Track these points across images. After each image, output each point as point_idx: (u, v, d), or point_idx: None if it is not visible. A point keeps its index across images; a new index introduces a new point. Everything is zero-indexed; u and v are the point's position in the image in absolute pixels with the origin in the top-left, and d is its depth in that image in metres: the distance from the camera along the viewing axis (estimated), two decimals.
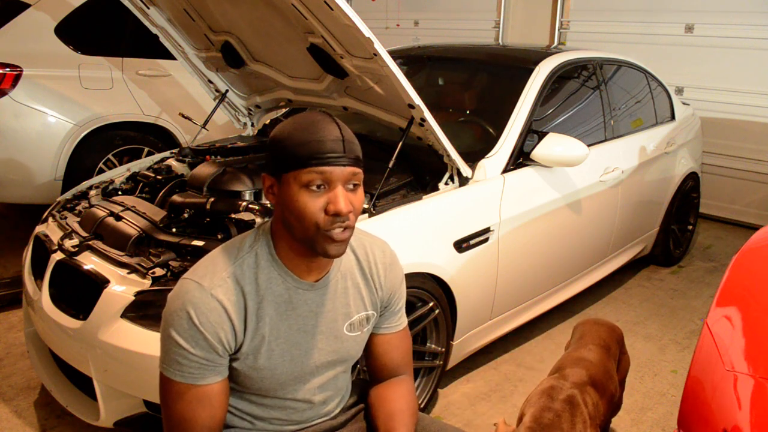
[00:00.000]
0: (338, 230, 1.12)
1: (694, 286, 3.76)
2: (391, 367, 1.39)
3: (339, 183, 1.12)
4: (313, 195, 1.11)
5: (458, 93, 3.27)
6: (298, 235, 1.14)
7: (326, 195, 1.12)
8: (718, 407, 1.34)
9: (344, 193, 1.12)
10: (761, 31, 4.56)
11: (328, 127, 1.12)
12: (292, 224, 1.14)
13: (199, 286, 1.14)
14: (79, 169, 3.78)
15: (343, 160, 1.11)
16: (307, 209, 1.11)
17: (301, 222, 1.12)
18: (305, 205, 1.11)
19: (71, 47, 3.81)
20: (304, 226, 1.12)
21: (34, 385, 2.48)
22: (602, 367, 1.91)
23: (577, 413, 1.72)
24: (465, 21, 6.51)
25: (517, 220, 2.50)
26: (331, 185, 1.12)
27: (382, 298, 1.34)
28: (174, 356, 1.13)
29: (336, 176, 1.11)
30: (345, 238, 1.14)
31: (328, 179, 1.11)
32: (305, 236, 1.13)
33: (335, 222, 1.11)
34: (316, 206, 1.11)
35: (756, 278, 1.73)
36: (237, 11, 2.38)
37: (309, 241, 1.14)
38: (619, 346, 2.09)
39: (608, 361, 1.96)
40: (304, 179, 1.10)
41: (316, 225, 1.11)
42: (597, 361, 1.91)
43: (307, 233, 1.13)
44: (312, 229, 1.12)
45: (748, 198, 4.92)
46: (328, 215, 1.11)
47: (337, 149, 1.11)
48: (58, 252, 2.13)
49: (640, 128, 3.51)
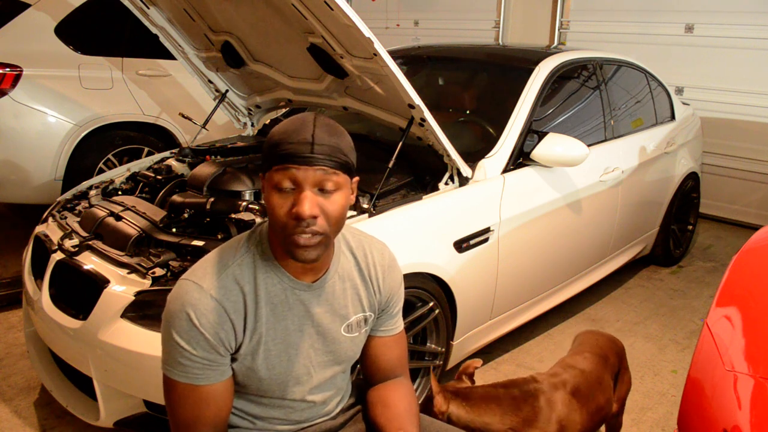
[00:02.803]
0: (304, 235, 1.09)
1: (694, 286, 3.76)
2: (387, 369, 1.39)
3: (307, 186, 1.08)
4: (281, 196, 1.10)
5: (458, 93, 3.27)
6: (275, 235, 1.14)
7: (294, 196, 1.09)
8: (718, 407, 1.34)
9: (312, 196, 1.08)
10: (761, 31, 4.56)
11: (303, 128, 1.09)
12: (271, 225, 1.15)
13: (198, 287, 1.14)
14: (79, 169, 3.78)
15: (311, 161, 1.08)
16: (275, 210, 1.10)
17: (272, 223, 1.13)
18: (273, 206, 1.10)
19: (71, 47, 3.81)
20: (275, 228, 1.13)
21: (34, 385, 2.48)
22: (593, 377, 1.81)
23: (525, 406, 1.61)
24: (465, 21, 6.51)
25: (517, 220, 2.50)
26: (299, 188, 1.09)
27: (380, 301, 1.34)
28: (176, 358, 1.14)
29: (302, 178, 1.08)
30: (312, 244, 1.10)
31: (296, 181, 1.08)
32: (279, 238, 1.13)
33: (298, 226, 1.08)
34: (283, 208, 1.09)
35: (756, 278, 1.73)
36: (237, 11, 2.38)
37: (282, 242, 1.13)
38: (619, 360, 1.98)
39: (603, 371, 1.85)
40: (274, 179, 1.10)
41: (283, 227, 1.10)
42: (588, 370, 1.81)
43: (278, 235, 1.12)
44: (279, 231, 1.11)
45: (748, 198, 4.92)
46: (292, 218, 1.09)
47: (305, 150, 1.07)
48: (58, 252, 2.12)
49: (640, 128, 3.51)
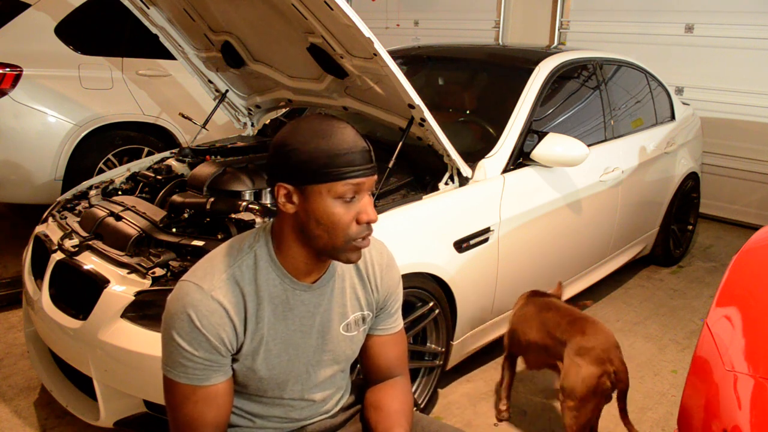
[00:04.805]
0: (366, 239, 1.16)
1: (694, 286, 3.76)
2: (386, 368, 1.40)
3: (366, 192, 1.14)
4: (345, 206, 1.12)
5: (458, 93, 3.27)
6: (322, 244, 1.15)
7: (357, 205, 1.13)
8: (718, 407, 1.34)
9: (371, 201, 1.16)
10: (761, 31, 4.56)
11: (355, 138, 1.12)
12: (318, 235, 1.14)
13: (198, 288, 1.14)
14: (79, 169, 3.78)
15: (371, 170, 1.14)
16: (342, 221, 1.12)
17: (331, 232, 1.13)
18: (340, 217, 1.12)
19: (71, 47, 3.81)
20: (333, 237, 1.13)
21: (34, 385, 2.48)
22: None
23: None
24: (465, 21, 6.51)
25: (517, 220, 2.50)
26: (360, 194, 1.14)
27: (378, 299, 1.34)
28: (177, 358, 1.13)
29: (367, 186, 1.14)
30: (368, 245, 1.18)
31: (360, 190, 1.13)
32: (332, 246, 1.14)
33: (365, 231, 1.14)
34: (349, 217, 1.13)
35: (756, 278, 1.73)
36: (237, 11, 2.38)
37: (335, 250, 1.15)
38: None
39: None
40: (340, 191, 1.10)
41: (347, 235, 1.13)
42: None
43: (336, 243, 1.14)
44: (341, 239, 1.13)
45: (748, 198, 4.92)
46: (360, 224, 1.14)
47: (368, 160, 1.13)
48: (58, 252, 2.12)
49: (640, 128, 3.51)
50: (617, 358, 1.98)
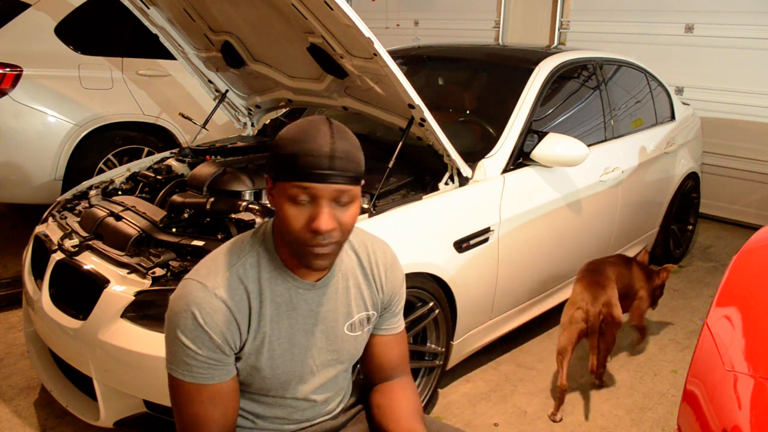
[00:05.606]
0: (321, 247, 1.10)
1: (694, 286, 3.76)
2: (388, 368, 1.39)
3: (324, 200, 1.08)
4: (297, 208, 1.09)
5: (458, 93, 3.27)
6: (287, 242, 1.15)
7: (311, 210, 1.09)
8: (718, 407, 1.34)
9: (329, 210, 1.09)
10: (761, 31, 4.56)
11: (321, 141, 1.07)
12: (282, 231, 1.14)
13: (202, 286, 1.14)
14: (79, 169, 3.78)
15: (330, 178, 1.07)
16: (291, 222, 1.10)
17: (285, 233, 1.13)
18: (289, 218, 1.10)
19: (71, 47, 3.81)
20: (288, 237, 1.13)
21: (34, 385, 2.48)
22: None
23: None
24: (465, 21, 6.51)
25: (517, 220, 2.50)
26: (316, 201, 1.09)
27: (382, 299, 1.34)
28: (182, 357, 1.13)
29: (321, 193, 1.08)
30: (328, 252, 1.12)
31: (314, 195, 1.08)
32: (291, 247, 1.14)
33: (315, 239, 1.09)
34: (299, 221, 1.09)
35: (756, 278, 1.73)
36: (237, 11, 2.38)
37: (293, 252, 1.14)
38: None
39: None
40: (290, 192, 1.09)
41: (298, 239, 1.10)
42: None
43: (292, 244, 1.13)
44: (294, 241, 1.12)
45: (748, 198, 4.92)
46: (309, 231, 1.09)
47: (324, 165, 1.06)
48: (58, 252, 2.13)
49: (640, 128, 3.51)
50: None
